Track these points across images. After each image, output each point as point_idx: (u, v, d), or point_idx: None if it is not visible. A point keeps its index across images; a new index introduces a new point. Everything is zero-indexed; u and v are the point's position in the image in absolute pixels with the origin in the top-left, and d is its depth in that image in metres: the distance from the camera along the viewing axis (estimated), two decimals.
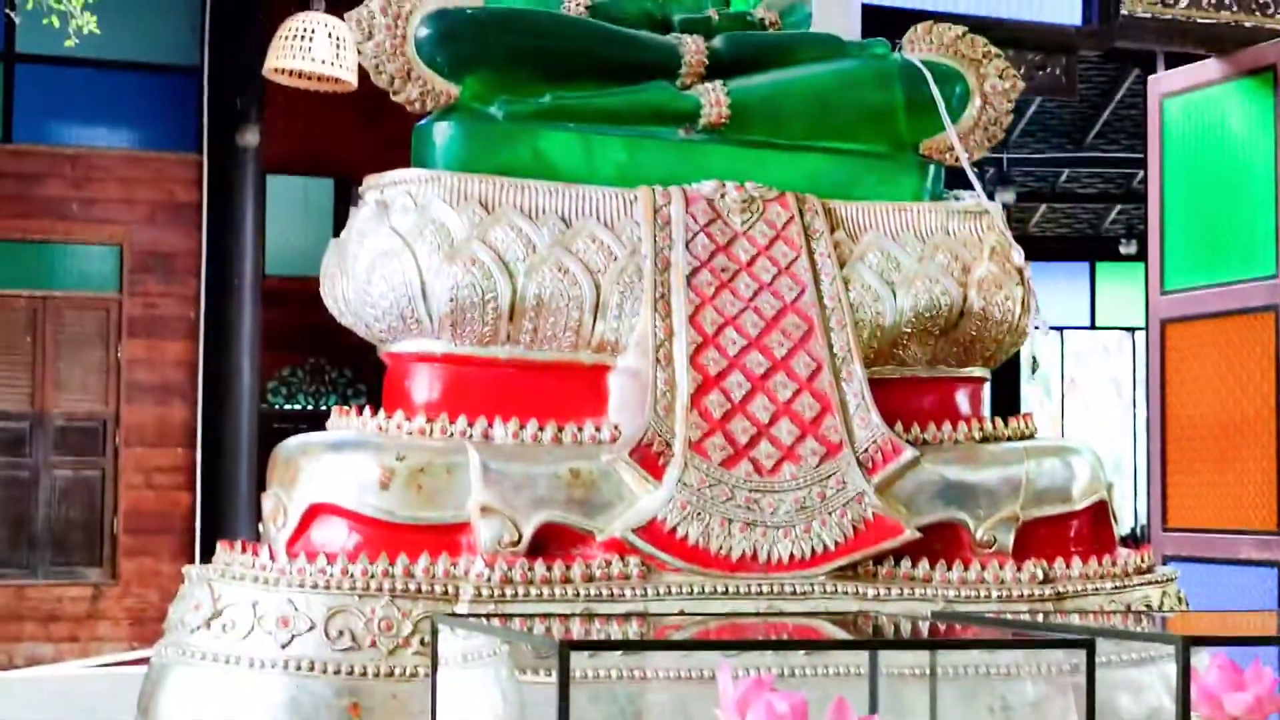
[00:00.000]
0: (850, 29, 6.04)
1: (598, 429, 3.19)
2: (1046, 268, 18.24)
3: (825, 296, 3.32)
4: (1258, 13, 7.02)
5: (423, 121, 3.37)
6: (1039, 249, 18.62)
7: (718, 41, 3.53)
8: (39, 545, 11.57)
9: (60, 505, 11.73)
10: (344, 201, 13.44)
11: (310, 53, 9.76)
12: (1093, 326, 20.49)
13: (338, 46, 9.85)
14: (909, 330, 3.36)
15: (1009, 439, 3.45)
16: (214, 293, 12.11)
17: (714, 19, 3.61)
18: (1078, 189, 18.79)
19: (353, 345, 3.59)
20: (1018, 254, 3.52)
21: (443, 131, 3.33)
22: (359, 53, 3.30)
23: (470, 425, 3.16)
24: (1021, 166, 17.10)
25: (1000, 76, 3.63)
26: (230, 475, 11.72)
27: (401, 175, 3.29)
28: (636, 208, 3.29)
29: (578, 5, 3.58)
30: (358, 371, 13.86)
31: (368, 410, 3.26)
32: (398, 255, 3.19)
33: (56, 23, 8.33)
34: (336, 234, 3.18)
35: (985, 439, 3.41)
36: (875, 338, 3.34)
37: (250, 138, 11.95)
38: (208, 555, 3.35)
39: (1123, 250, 18.99)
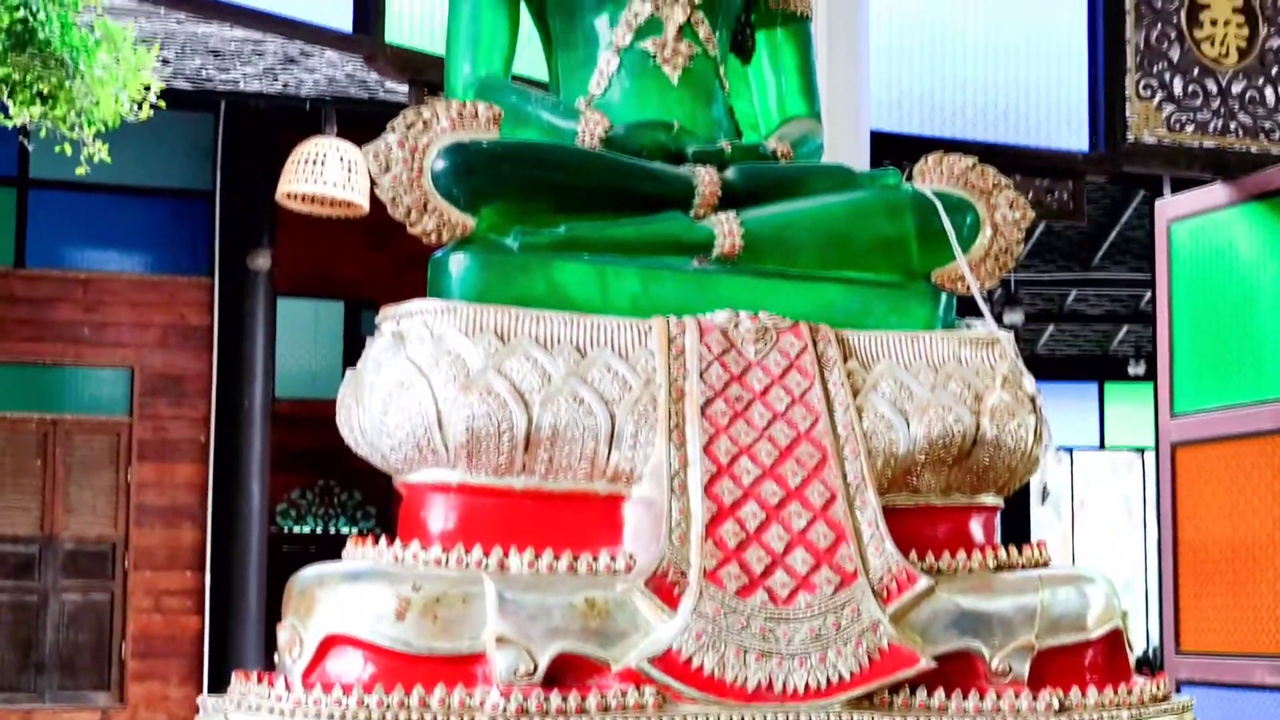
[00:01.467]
0: (860, 155, 6.09)
1: (613, 559, 3.20)
2: (1055, 388, 18.26)
3: (839, 425, 3.33)
4: (1264, 137, 7.08)
5: (439, 253, 3.40)
6: (1047, 369, 18.67)
7: (731, 173, 3.56)
8: (47, 669, 11.54)
9: (68, 629, 11.71)
10: (355, 324, 13.51)
11: (322, 176, 9.86)
12: (1102, 447, 20.47)
13: (349, 170, 9.95)
14: (922, 459, 3.37)
15: (1023, 567, 3.45)
16: (224, 415, 12.15)
17: (727, 150, 3.65)
18: (1086, 309, 18.85)
19: (362, 468, 3.60)
20: (1029, 382, 3.53)
21: (459, 263, 3.36)
22: (376, 186, 3.33)
23: (486, 555, 3.16)
24: (1029, 287, 17.16)
25: (1011, 207, 3.66)
26: (239, 598, 11.71)
27: (417, 306, 3.32)
28: (651, 338, 3.31)
29: (592, 137, 3.62)
30: (367, 494, 13.87)
31: (383, 540, 3.27)
32: (414, 386, 3.21)
33: (69, 150, 8.43)
34: (346, 357, 3.22)
35: (999, 567, 3.41)
36: (889, 466, 3.35)
37: (261, 261, 12.04)
38: (217, 679, 3.36)
39: (1131, 371, 19.00)
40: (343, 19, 5.85)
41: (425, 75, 5.83)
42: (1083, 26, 7.08)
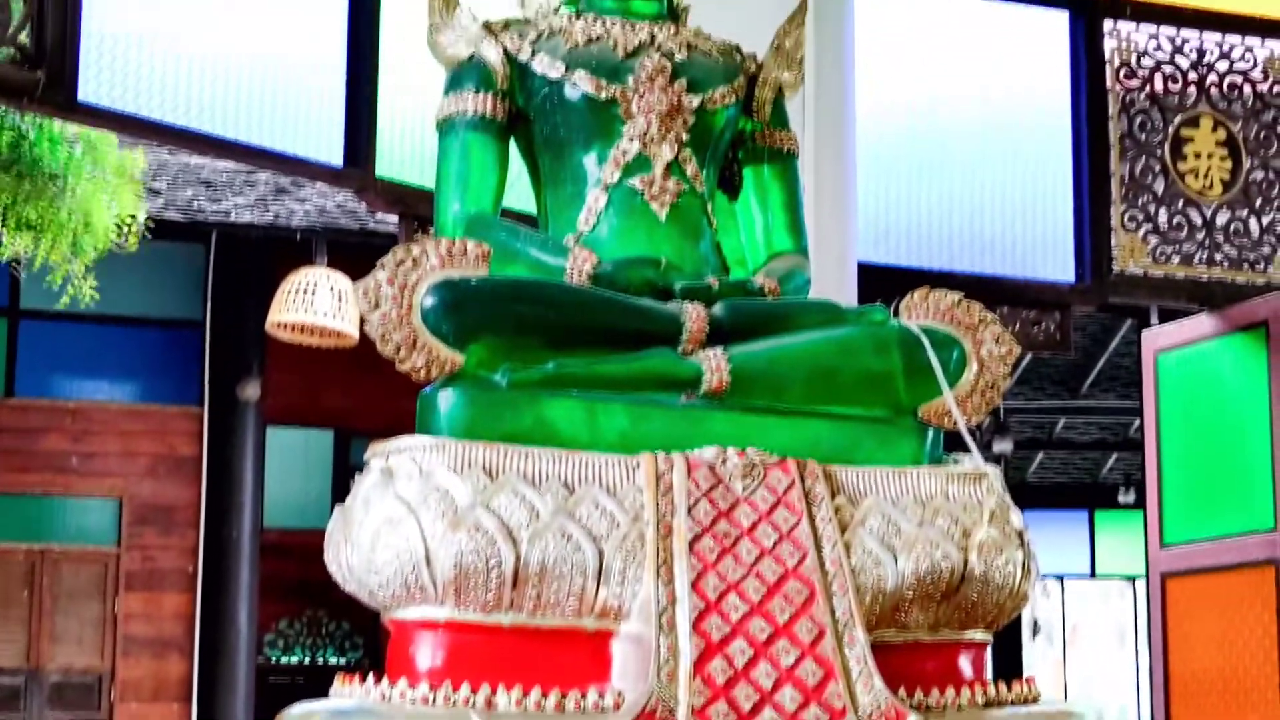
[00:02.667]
0: (848, 287, 6.13)
1: (601, 695, 3.18)
2: (1045, 516, 18.25)
3: (827, 562, 3.33)
4: (1249, 269, 7.13)
5: (427, 389, 3.41)
6: (1037, 497, 18.67)
7: (718, 309, 3.58)
8: None
9: None
10: (344, 454, 13.51)
11: (312, 306, 9.90)
12: (1093, 575, 20.44)
13: (339, 300, 10.00)
14: (910, 595, 3.37)
15: (1013, 703, 3.44)
16: (212, 545, 12.13)
17: (714, 287, 3.67)
18: (1075, 437, 18.89)
19: (350, 598, 3.60)
20: (1017, 517, 3.53)
21: (447, 399, 3.37)
22: (365, 323, 3.35)
23: (474, 693, 3.15)
24: (1018, 415, 17.20)
25: (997, 342, 3.68)
26: None
27: (406, 443, 3.32)
28: (639, 474, 3.32)
29: (580, 274, 3.64)
30: (356, 624, 13.81)
31: (370, 677, 3.26)
32: (402, 523, 3.21)
33: (58, 281, 8.48)
34: (336, 486, 3.23)
35: (989, 704, 3.40)
36: (877, 602, 3.35)
37: (251, 391, 12.06)
38: None
39: (1121, 499, 19.00)
40: (334, 153, 5.90)
41: (415, 208, 5.87)
42: (1067, 159, 7.16)
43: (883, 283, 6.54)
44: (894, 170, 6.88)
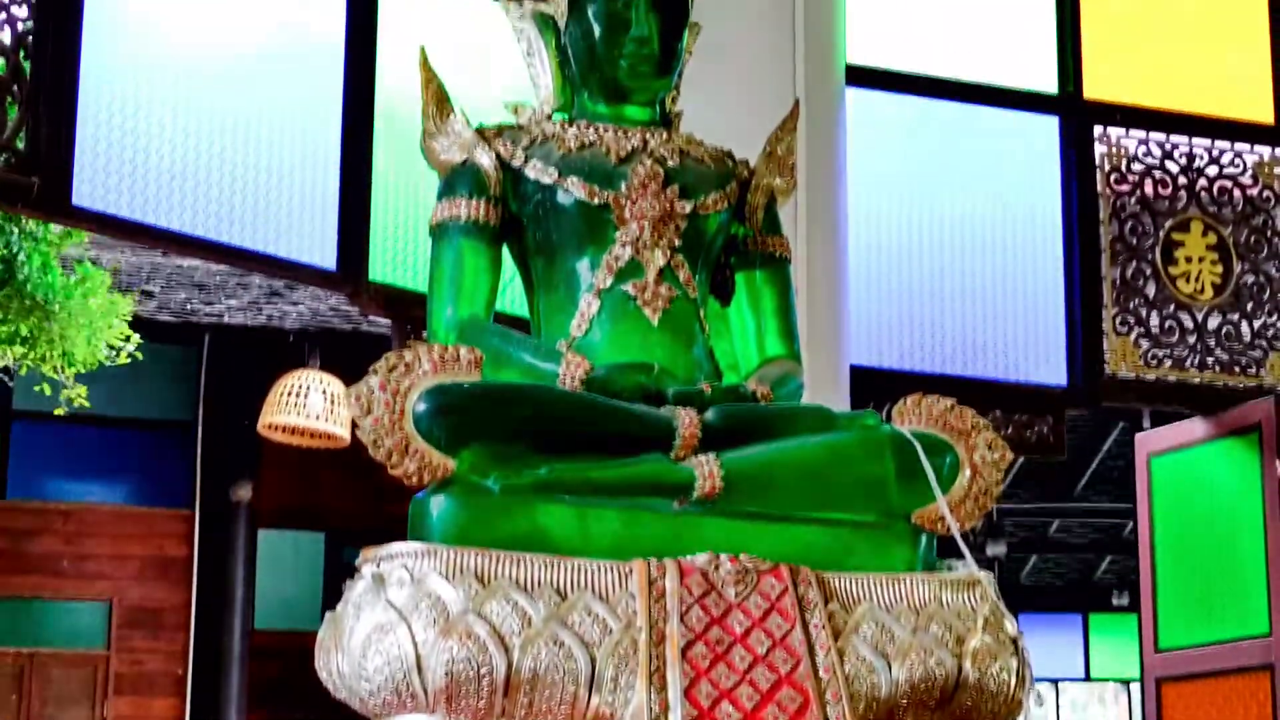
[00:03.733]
0: (840, 390, 6.14)
1: None
2: (1039, 619, 18.19)
3: (820, 669, 3.31)
4: (1240, 373, 7.15)
5: (419, 495, 3.40)
6: (1031, 600, 18.62)
7: (710, 414, 3.58)
8: None
9: None
10: (336, 556, 13.47)
11: (305, 408, 9.90)
12: (1087, 678, 20.35)
13: (331, 402, 10.00)
14: (905, 702, 3.35)
15: None
16: (202, 648, 12.07)
17: (707, 392, 3.67)
18: (1069, 539, 18.86)
19: (341, 704, 3.58)
20: (1011, 624, 3.52)
21: (439, 505, 3.36)
22: (358, 428, 3.35)
23: None
24: (1012, 517, 17.18)
25: (989, 448, 3.68)
26: None
27: (398, 549, 3.31)
28: (631, 580, 3.31)
29: (573, 379, 3.64)
30: None
31: None
32: (393, 630, 3.20)
33: (49, 390, 8.48)
34: (327, 589, 3.21)
35: None
36: (871, 710, 3.32)
37: (243, 493, 12.04)
38: None
39: (1115, 601, 18.95)
40: (327, 256, 5.91)
41: (408, 311, 5.88)
42: (1059, 262, 7.18)
43: (875, 386, 6.55)
44: (885, 273, 6.90)
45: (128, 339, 8.49)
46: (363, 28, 6.01)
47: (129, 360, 8.49)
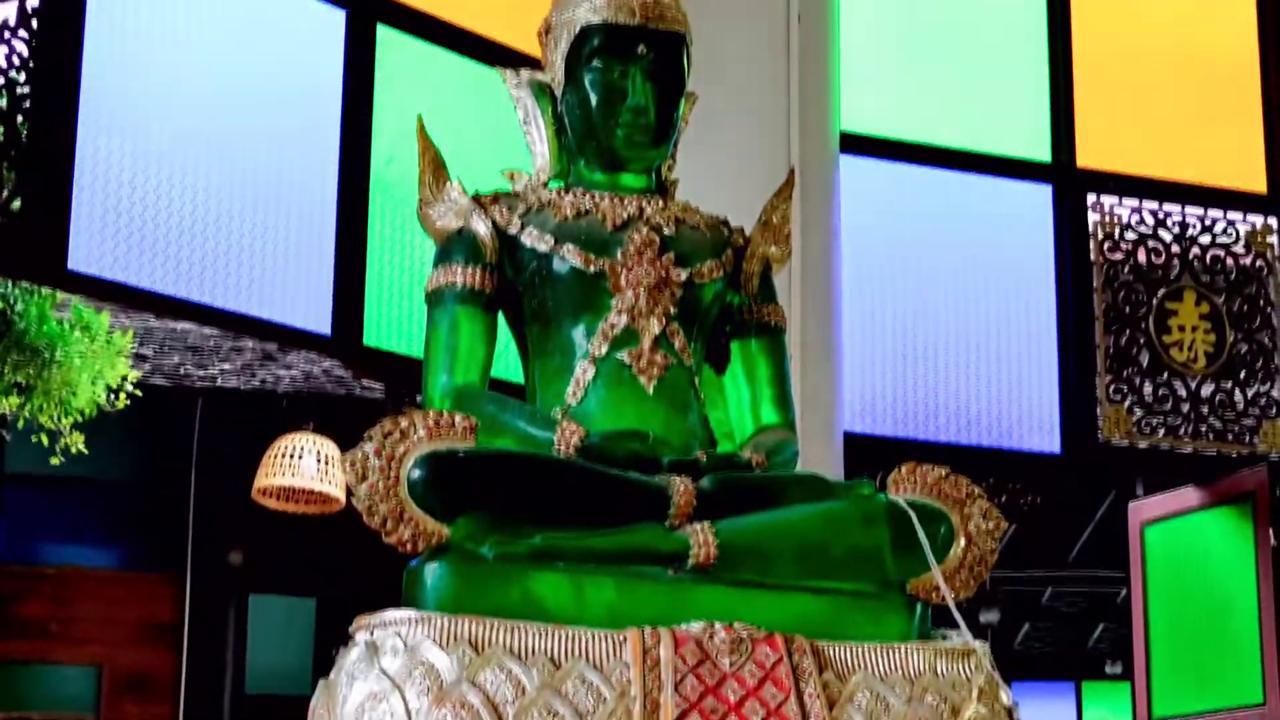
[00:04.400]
0: (834, 457, 6.14)
1: None
2: (1032, 687, 18.13)
3: None
4: (1234, 441, 7.15)
5: (413, 562, 3.39)
6: (1024, 667, 18.56)
7: (705, 482, 3.58)
8: None
9: None
10: (327, 622, 13.42)
11: (298, 470, 9.89)
12: None
13: (325, 463, 9.98)
14: None
15: None
16: (193, 714, 12.01)
17: (702, 460, 3.67)
18: (1062, 607, 18.82)
19: None
20: (1006, 695, 3.51)
21: (433, 572, 3.35)
22: (353, 495, 3.35)
23: None
24: (1005, 585, 17.14)
25: (984, 516, 3.67)
26: None
27: (391, 616, 3.30)
28: (626, 649, 3.30)
29: (568, 447, 3.64)
30: None
31: None
32: (386, 698, 3.19)
33: (45, 440, 8.46)
34: (318, 654, 3.20)
35: None
36: None
37: (234, 557, 12.01)
38: None
39: (1108, 670, 18.89)
40: (322, 320, 5.92)
41: (402, 376, 5.89)
42: (1052, 330, 7.20)
43: (869, 452, 6.56)
44: (880, 341, 6.92)
45: (125, 378, 8.48)
46: (359, 93, 6.04)
47: (127, 404, 8.47)
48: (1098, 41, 7.49)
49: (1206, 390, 7.26)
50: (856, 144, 6.90)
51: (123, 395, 8.48)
